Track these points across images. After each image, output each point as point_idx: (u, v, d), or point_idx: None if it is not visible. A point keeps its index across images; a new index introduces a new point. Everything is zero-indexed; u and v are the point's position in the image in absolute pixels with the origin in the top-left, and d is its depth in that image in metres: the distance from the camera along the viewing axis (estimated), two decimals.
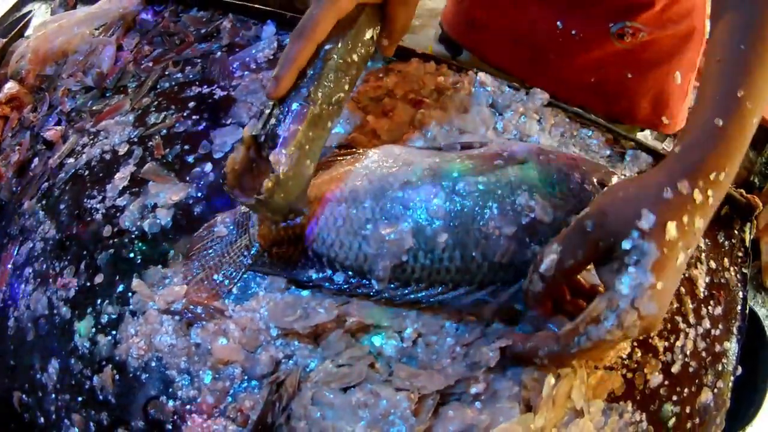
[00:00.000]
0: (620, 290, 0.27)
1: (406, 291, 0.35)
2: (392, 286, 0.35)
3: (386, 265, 0.35)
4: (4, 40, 0.60)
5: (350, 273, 0.36)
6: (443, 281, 0.35)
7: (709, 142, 0.29)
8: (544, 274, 0.30)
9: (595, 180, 0.36)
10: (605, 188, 0.34)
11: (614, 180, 0.36)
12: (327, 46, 0.36)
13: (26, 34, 0.62)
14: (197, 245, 0.40)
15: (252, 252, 0.38)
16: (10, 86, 0.56)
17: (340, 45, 0.36)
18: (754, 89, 0.29)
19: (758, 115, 0.29)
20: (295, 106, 0.34)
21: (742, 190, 0.47)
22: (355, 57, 0.37)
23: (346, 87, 0.37)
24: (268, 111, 0.35)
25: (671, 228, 0.27)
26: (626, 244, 0.27)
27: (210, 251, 0.39)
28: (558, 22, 0.54)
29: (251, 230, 0.38)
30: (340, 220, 0.36)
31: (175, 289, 0.38)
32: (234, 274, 0.38)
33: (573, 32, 0.54)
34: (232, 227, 0.40)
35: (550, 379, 0.33)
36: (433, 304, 0.35)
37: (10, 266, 0.47)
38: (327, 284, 0.36)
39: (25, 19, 0.64)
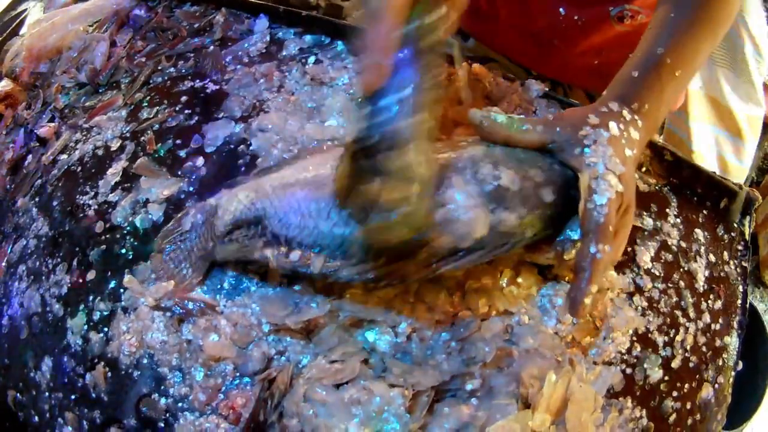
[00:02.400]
0: (591, 161, 0.34)
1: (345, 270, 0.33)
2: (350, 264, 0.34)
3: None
4: None
5: (305, 251, 0.34)
6: None
7: (631, 85, 0.37)
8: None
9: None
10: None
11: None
12: (412, 25, 0.30)
13: (21, 32, 0.62)
14: (167, 238, 0.40)
15: (216, 239, 0.37)
16: (5, 84, 0.56)
17: (426, 20, 0.30)
18: (676, 47, 0.37)
19: (682, 68, 0.37)
20: (407, 93, 0.29)
21: (740, 183, 0.47)
22: (439, 31, 0.31)
23: (442, 65, 0.32)
24: (365, 110, 0.30)
25: (612, 126, 0.35)
26: (582, 132, 0.35)
27: (179, 244, 0.39)
28: (560, 9, 0.57)
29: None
30: (299, 203, 0.35)
31: (163, 284, 0.38)
32: (200, 266, 0.38)
33: (575, 17, 0.57)
34: (201, 220, 0.39)
35: (551, 376, 0.32)
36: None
37: (3, 264, 0.46)
38: (284, 264, 0.35)
39: (20, 18, 0.64)
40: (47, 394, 0.40)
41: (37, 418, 0.40)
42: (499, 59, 0.67)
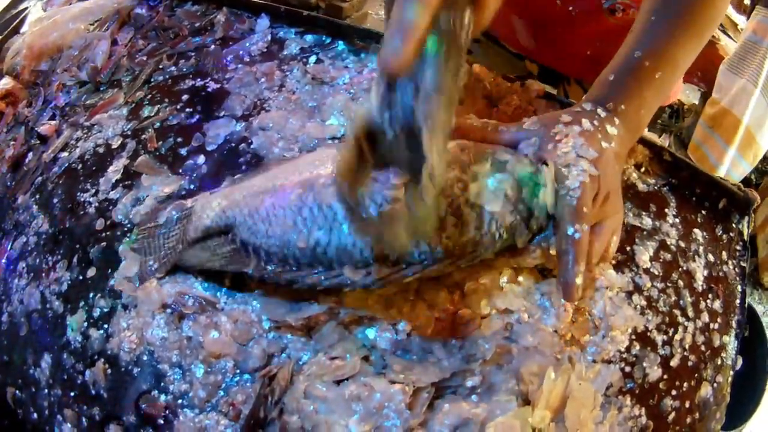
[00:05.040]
0: (563, 150, 0.34)
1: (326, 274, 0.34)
2: (315, 272, 0.34)
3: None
4: (0, 36, 0.60)
5: (276, 261, 0.35)
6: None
7: (607, 87, 0.38)
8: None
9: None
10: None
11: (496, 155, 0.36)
12: (443, 14, 0.27)
13: (21, 30, 0.62)
14: (142, 228, 0.40)
15: (187, 243, 0.38)
16: (5, 82, 0.56)
17: (456, 12, 0.27)
18: (655, 50, 0.38)
19: (663, 69, 0.38)
20: (429, 79, 0.26)
21: (739, 184, 0.47)
22: (469, 28, 0.28)
23: (464, 64, 0.29)
24: (382, 91, 0.27)
25: (585, 122, 0.35)
26: (554, 129, 0.35)
27: (151, 238, 0.39)
28: (557, 0, 0.58)
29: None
30: (267, 212, 0.35)
31: (153, 282, 0.38)
32: (166, 264, 0.38)
33: (570, 8, 0.59)
34: (174, 217, 0.39)
35: (550, 372, 0.32)
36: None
37: (3, 261, 0.46)
38: (256, 274, 0.36)
39: (21, 16, 0.64)
40: (46, 391, 0.39)
41: (36, 415, 0.40)
42: (482, 40, 0.68)
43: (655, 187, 0.46)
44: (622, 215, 0.38)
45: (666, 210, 0.45)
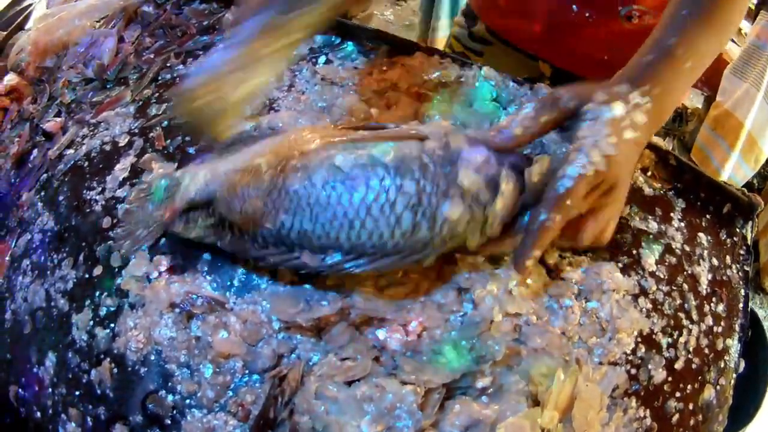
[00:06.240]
0: (583, 134, 0.34)
1: (335, 260, 0.35)
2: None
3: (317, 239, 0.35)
4: (5, 32, 0.60)
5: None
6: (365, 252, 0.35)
7: (642, 65, 0.37)
8: (520, 124, 0.36)
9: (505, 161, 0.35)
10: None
11: (539, 163, 0.37)
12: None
13: (26, 27, 0.62)
14: (134, 196, 0.42)
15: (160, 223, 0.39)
16: (10, 78, 0.56)
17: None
18: (687, 40, 0.38)
19: (692, 60, 0.38)
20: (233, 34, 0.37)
21: (743, 189, 0.47)
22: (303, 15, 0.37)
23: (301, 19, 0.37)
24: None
25: (618, 106, 0.35)
26: (585, 108, 0.35)
27: (140, 206, 0.41)
28: (573, 6, 0.60)
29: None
30: (242, 190, 0.36)
31: (162, 282, 0.38)
32: (155, 232, 0.40)
33: (587, 14, 0.60)
34: (163, 185, 0.41)
35: (560, 374, 0.32)
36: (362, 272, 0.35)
37: (8, 258, 0.46)
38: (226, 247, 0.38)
39: (26, 12, 0.63)
40: (51, 389, 0.39)
41: (39, 414, 0.39)
42: (494, 42, 0.69)
43: (661, 192, 0.46)
44: (622, 205, 0.37)
45: (671, 214, 0.45)
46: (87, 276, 0.41)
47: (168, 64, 0.52)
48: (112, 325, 0.38)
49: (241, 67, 0.36)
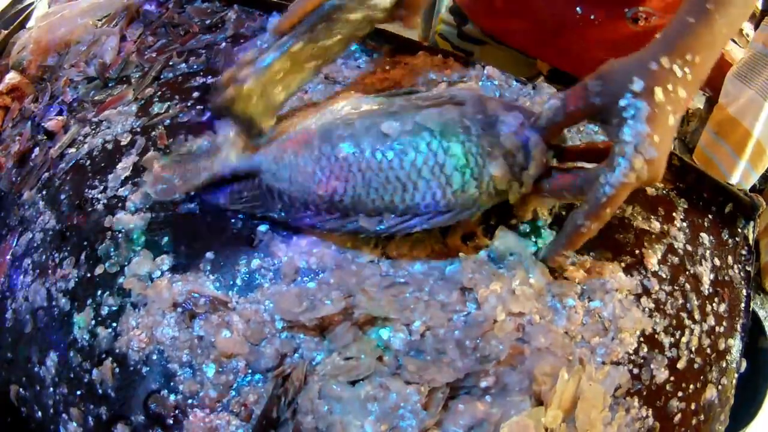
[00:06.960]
0: (624, 139, 0.32)
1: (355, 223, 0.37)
2: (334, 217, 0.37)
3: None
4: (6, 31, 0.59)
5: (306, 206, 0.38)
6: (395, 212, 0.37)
7: (683, 32, 0.35)
8: (548, 117, 0.36)
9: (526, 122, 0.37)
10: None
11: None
12: (332, 1, 0.39)
13: (28, 25, 0.61)
14: (174, 157, 0.43)
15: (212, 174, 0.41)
16: (12, 76, 0.55)
17: (340, 2, 0.40)
18: (721, 6, 0.36)
19: (727, 26, 0.36)
20: (283, 40, 0.39)
21: (745, 189, 0.48)
22: (353, 15, 0.40)
23: (336, 38, 0.41)
24: (267, 45, 0.40)
25: (658, 92, 0.33)
26: (622, 102, 0.33)
27: (179, 163, 0.43)
28: (578, 8, 0.59)
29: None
30: (289, 159, 0.38)
31: (165, 281, 0.38)
32: (189, 186, 0.41)
33: (592, 17, 0.59)
34: (204, 148, 0.43)
35: (564, 373, 0.32)
36: (396, 233, 0.37)
37: (8, 257, 0.46)
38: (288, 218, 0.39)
39: (28, 11, 0.63)
40: (52, 389, 0.39)
41: (40, 414, 0.39)
42: (488, 41, 0.68)
43: (664, 191, 0.46)
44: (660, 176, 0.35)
45: (674, 214, 0.45)
46: (88, 275, 0.41)
47: (170, 63, 0.52)
48: (114, 324, 0.38)
49: (290, 70, 0.39)
